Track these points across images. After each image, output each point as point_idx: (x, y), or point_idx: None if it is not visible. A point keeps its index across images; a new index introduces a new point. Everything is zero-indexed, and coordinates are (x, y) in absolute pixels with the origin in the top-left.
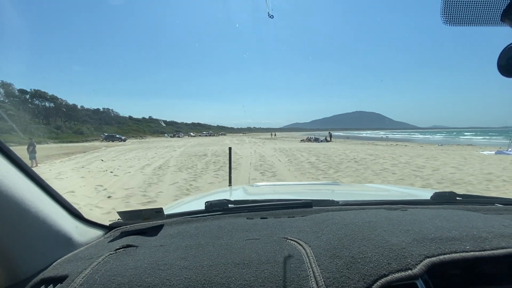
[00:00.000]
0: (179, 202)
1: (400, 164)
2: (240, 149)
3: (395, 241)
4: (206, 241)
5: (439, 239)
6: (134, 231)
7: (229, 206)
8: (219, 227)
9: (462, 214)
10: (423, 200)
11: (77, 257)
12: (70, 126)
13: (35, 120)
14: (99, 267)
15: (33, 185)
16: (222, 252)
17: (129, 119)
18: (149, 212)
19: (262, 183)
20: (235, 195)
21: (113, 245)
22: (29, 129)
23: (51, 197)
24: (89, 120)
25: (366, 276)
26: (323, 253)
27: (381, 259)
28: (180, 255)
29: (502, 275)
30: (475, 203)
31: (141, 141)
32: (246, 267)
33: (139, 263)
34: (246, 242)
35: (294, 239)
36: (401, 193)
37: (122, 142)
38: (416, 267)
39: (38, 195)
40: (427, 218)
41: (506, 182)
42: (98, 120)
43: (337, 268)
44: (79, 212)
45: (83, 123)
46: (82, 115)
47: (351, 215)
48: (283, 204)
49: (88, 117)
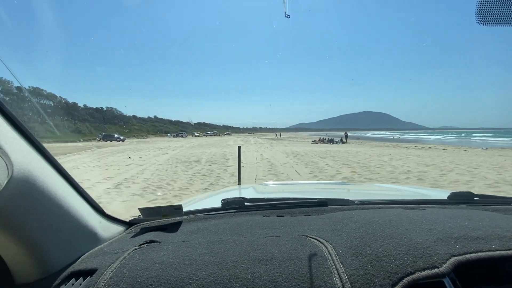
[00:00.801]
0: (193, 200)
1: (479, 180)
2: (244, 153)
3: (419, 240)
4: (227, 237)
5: (463, 238)
6: (154, 227)
7: (245, 204)
8: (238, 224)
9: (483, 214)
10: (440, 200)
11: (103, 251)
12: (69, 125)
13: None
14: (126, 261)
15: (63, 181)
16: (244, 249)
17: (133, 118)
18: (169, 209)
19: (271, 182)
20: (246, 194)
21: (136, 240)
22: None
23: (78, 193)
24: (90, 119)
25: (391, 274)
26: (345, 251)
27: (406, 257)
28: (203, 251)
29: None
30: (493, 203)
31: (140, 141)
32: (270, 263)
33: (165, 258)
34: (267, 239)
35: (314, 237)
36: (415, 193)
37: (119, 142)
38: (442, 265)
39: (68, 191)
40: (448, 218)
41: None
42: (100, 119)
43: (360, 266)
44: (101, 208)
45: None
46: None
47: (369, 214)
48: (299, 203)
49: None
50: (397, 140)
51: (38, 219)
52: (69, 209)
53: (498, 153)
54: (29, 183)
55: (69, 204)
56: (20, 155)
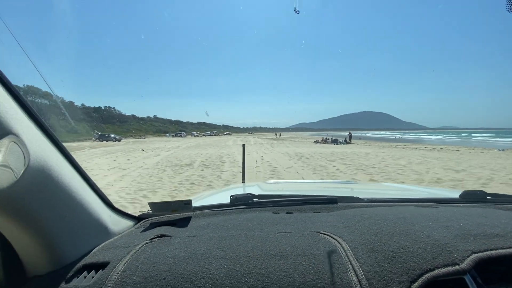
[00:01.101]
0: (201, 195)
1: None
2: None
3: (437, 236)
4: (238, 233)
5: (482, 235)
6: (164, 222)
7: (254, 200)
8: (248, 220)
9: (498, 212)
10: (452, 199)
11: (114, 245)
12: (65, 125)
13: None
14: (138, 255)
15: (76, 173)
16: (257, 244)
17: (132, 117)
18: (178, 204)
19: (275, 180)
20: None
21: (146, 234)
22: None
23: (90, 186)
24: (87, 119)
25: (410, 271)
26: (359, 247)
27: (424, 253)
28: (215, 246)
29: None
30: (505, 202)
31: (137, 141)
32: (283, 258)
33: (176, 252)
34: (279, 235)
35: (327, 233)
36: (426, 192)
37: (115, 142)
38: (463, 262)
39: (81, 184)
40: (463, 215)
41: None
42: (98, 119)
43: (377, 262)
44: (111, 202)
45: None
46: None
47: (382, 211)
48: (308, 200)
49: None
50: (399, 140)
51: (52, 210)
52: (81, 201)
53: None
54: (44, 173)
55: (82, 196)
56: (36, 144)
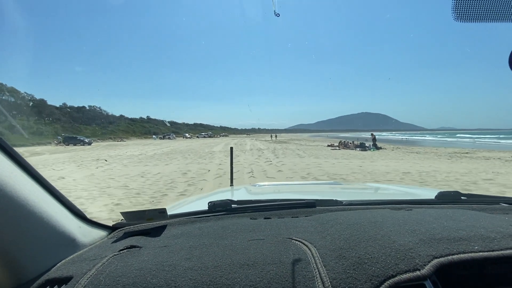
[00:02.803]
0: (181, 202)
1: None
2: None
3: (401, 242)
4: (210, 241)
5: (446, 239)
6: (138, 232)
7: (232, 206)
8: (223, 228)
9: (468, 214)
10: (427, 200)
11: (81, 258)
12: (30, 125)
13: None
14: (103, 268)
15: (36, 185)
16: (227, 253)
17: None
18: (153, 213)
19: (264, 183)
20: (237, 195)
21: (116, 245)
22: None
23: (55, 197)
24: (63, 119)
25: (373, 277)
26: (328, 253)
27: (388, 259)
28: (184, 256)
29: (509, 276)
30: (480, 203)
31: (111, 144)
32: (251, 267)
33: (144, 264)
34: (251, 243)
35: (299, 240)
36: (404, 193)
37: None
38: (424, 267)
39: (41, 196)
40: (433, 218)
41: None
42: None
43: (343, 269)
44: (82, 213)
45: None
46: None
47: (356, 215)
48: (287, 204)
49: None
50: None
51: (8, 226)
52: (43, 214)
53: None
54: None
55: (43, 209)
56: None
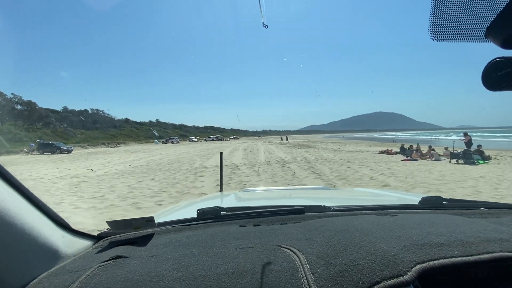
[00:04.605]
0: (170, 209)
1: None
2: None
3: (386, 248)
4: (199, 250)
5: (428, 245)
6: (124, 241)
7: (221, 213)
8: (212, 236)
9: (449, 219)
10: (411, 205)
11: (64, 270)
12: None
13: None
14: (87, 281)
15: (16, 194)
16: (215, 262)
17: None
18: (140, 221)
19: (254, 188)
20: (227, 202)
21: (102, 256)
22: None
23: (35, 206)
24: (54, 123)
25: (359, 284)
26: (316, 260)
27: (374, 266)
28: (172, 266)
29: (488, 279)
30: (461, 208)
31: (98, 151)
32: (240, 277)
33: (130, 275)
34: (240, 251)
35: (287, 247)
36: (390, 198)
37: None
38: (407, 273)
39: (22, 205)
40: (416, 224)
41: None
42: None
43: (331, 276)
44: (66, 222)
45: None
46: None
47: (343, 221)
48: (276, 211)
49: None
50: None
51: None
52: (23, 224)
53: None
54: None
55: (24, 219)
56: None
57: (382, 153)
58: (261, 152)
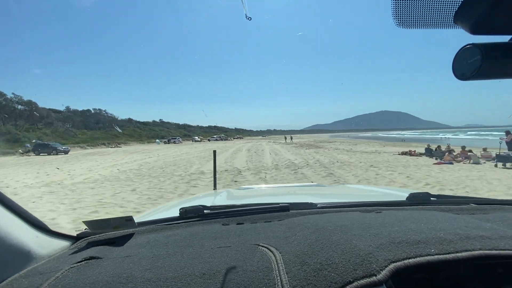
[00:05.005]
0: (155, 210)
1: None
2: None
3: (362, 246)
4: (175, 250)
5: (406, 242)
6: (102, 241)
7: (205, 212)
8: (192, 235)
9: (433, 216)
10: (398, 202)
11: (35, 271)
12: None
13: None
14: (56, 282)
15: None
16: (189, 262)
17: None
18: (119, 221)
19: (247, 186)
20: (218, 200)
21: (76, 257)
22: None
23: (5, 206)
24: (56, 122)
25: (332, 283)
26: (292, 259)
27: (347, 265)
28: (145, 267)
29: (467, 278)
30: (449, 203)
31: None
32: (212, 277)
33: (100, 276)
34: (217, 250)
35: (265, 246)
36: (379, 194)
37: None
38: (380, 272)
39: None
40: (399, 221)
41: None
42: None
43: (304, 276)
44: (41, 222)
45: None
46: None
47: (325, 218)
48: (261, 209)
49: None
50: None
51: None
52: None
53: None
54: None
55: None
56: None
57: (403, 155)
58: (267, 154)
